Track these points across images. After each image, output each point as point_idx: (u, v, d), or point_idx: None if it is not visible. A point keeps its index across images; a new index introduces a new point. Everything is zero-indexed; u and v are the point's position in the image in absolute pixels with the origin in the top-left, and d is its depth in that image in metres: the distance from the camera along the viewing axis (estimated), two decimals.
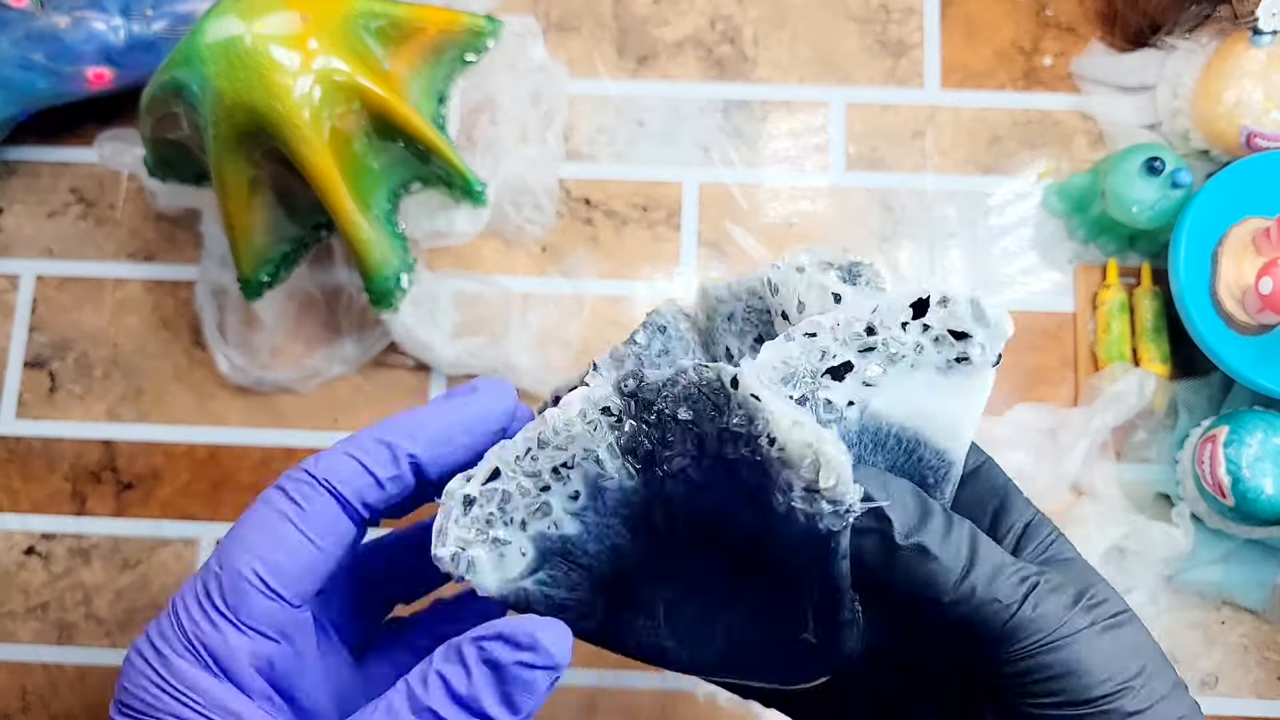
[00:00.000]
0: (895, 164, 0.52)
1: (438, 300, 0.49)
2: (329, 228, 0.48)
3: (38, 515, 0.50)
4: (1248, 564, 0.47)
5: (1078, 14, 0.54)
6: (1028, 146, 0.53)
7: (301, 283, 0.50)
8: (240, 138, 0.41)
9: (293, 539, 0.24)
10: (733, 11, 0.54)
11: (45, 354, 0.51)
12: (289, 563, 0.24)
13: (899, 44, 0.54)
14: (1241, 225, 0.46)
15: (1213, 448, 0.44)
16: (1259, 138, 0.48)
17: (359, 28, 0.44)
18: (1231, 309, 0.45)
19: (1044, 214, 0.52)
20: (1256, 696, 0.47)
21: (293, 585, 0.24)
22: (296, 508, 0.25)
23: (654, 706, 0.47)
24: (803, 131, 0.53)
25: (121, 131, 0.51)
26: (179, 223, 0.52)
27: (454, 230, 0.48)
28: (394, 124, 0.44)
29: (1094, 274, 0.50)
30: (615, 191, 0.52)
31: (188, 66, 0.40)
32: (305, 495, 0.25)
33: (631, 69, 0.54)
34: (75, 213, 0.53)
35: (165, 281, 0.52)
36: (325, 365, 0.50)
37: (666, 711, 0.47)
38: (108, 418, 0.51)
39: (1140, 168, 0.47)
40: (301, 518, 0.25)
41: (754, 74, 0.54)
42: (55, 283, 0.52)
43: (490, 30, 0.49)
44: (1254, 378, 0.45)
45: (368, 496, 0.25)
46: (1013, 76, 0.53)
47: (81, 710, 0.48)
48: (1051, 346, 0.50)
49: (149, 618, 0.48)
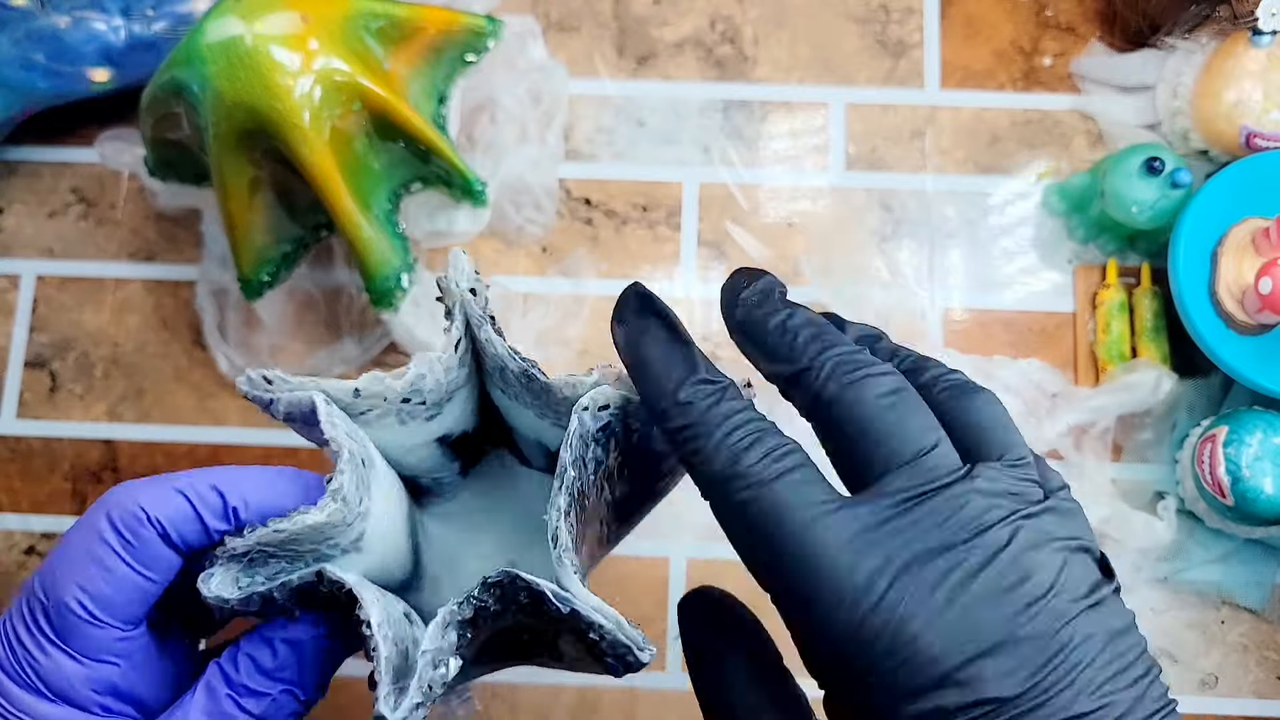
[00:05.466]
0: (895, 164, 0.53)
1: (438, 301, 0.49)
2: (329, 228, 0.48)
3: (38, 515, 0.50)
4: (1247, 563, 0.47)
5: (1077, 14, 0.54)
6: (1027, 146, 0.53)
7: (302, 283, 0.50)
8: (240, 138, 0.41)
9: (120, 571, 0.24)
10: (733, 11, 0.54)
11: (46, 354, 0.51)
12: (116, 595, 0.24)
13: (899, 44, 0.54)
14: (1241, 225, 0.46)
15: (1212, 447, 0.44)
16: (1258, 138, 0.48)
17: (359, 28, 0.44)
18: (1231, 309, 0.45)
19: (1043, 214, 0.52)
20: (1256, 696, 0.47)
21: (121, 613, 0.24)
22: (124, 542, 0.24)
23: (654, 706, 0.47)
24: (803, 131, 0.53)
25: (122, 131, 0.51)
26: (179, 223, 0.52)
27: (454, 230, 0.48)
28: (394, 124, 0.44)
29: (1093, 274, 0.51)
30: (615, 191, 0.52)
31: (188, 66, 0.40)
32: (134, 531, 0.24)
33: (631, 69, 0.54)
34: (76, 213, 0.53)
35: (166, 281, 0.52)
36: (325, 365, 0.50)
37: (666, 712, 0.47)
38: (108, 417, 0.51)
39: (1140, 168, 0.47)
40: (130, 552, 0.24)
41: (754, 74, 0.54)
42: (56, 283, 0.52)
43: (490, 30, 0.49)
44: (1253, 377, 0.45)
45: (191, 539, 0.25)
46: (1012, 76, 0.53)
47: None
48: (1051, 347, 0.50)
49: None
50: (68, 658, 0.24)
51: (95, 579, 0.24)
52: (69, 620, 0.24)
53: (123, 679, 0.25)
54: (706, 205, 0.52)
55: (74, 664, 0.24)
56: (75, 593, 0.24)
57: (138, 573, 0.24)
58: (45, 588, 0.24)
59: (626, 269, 0.52)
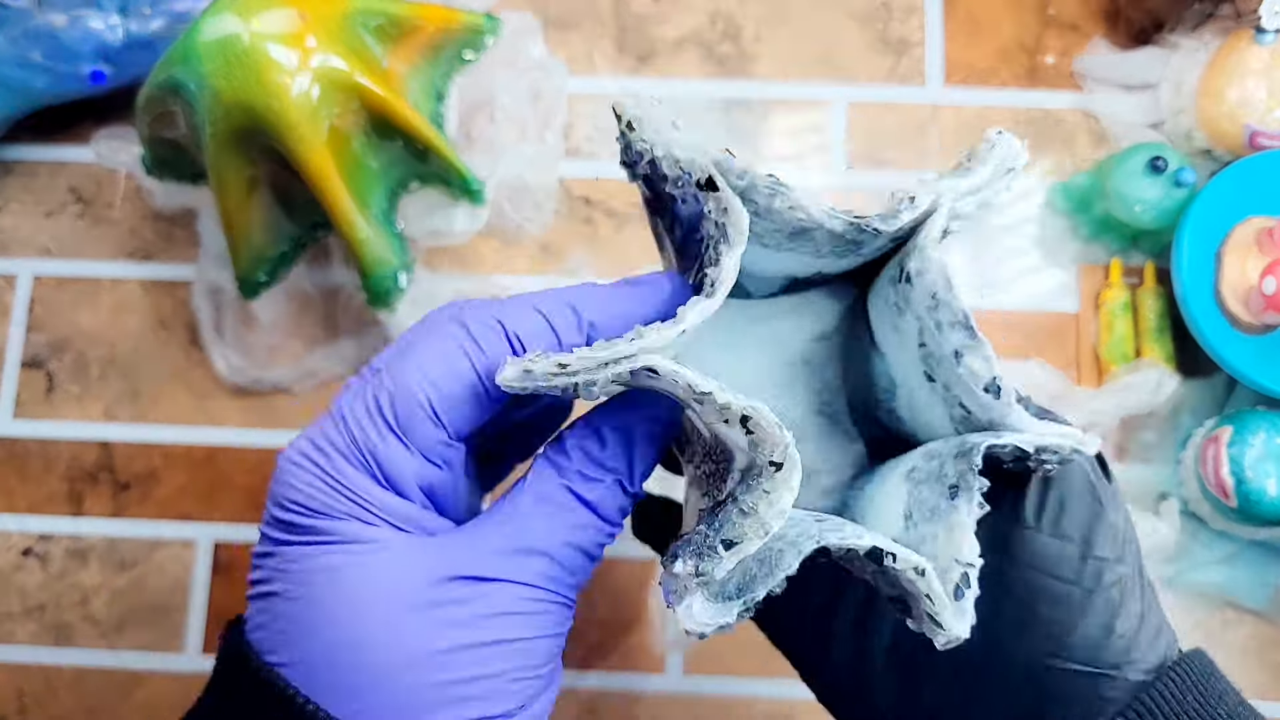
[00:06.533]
0: (897, 162, 0.52)
1: (436, 299, 0.49)
2: (327, 227, 0.48)
3: (35, 516, 0.50)
4: (1251, 565, 0.47)
5: (1081, 12, 0.54)
6: (1030, 145, 0.52)
7: (299, 282, 0.50)
8: (238, 136, 0.41)
9: (468, 378, 0.24)
10: (733, 9, 0.54)
11: (42, 354, 0.51)
12: (459, 399, 0.24)
13: (901, 42, 0.54)
14: (1245, 225, 0.46)
15: (1216, 448, 0.44)
16: (1262, 136, 0.47)
17: (357, 25, 0.44)
18: (1235, 309, 0.45)
19: (1047, 213, 0.51)
20: (1260, 698, 0.47)
21: (457, 422, 0.24)
22: (477, 349, 0.24)
23: (654, 708, 0.47)
24: (804, 130, 0.53)
25: (119, 130, 0.51)
26: (176, 222, 0.52)
27: (452, 229, 0.48)
28: (392, 122, 0.44)
29: (1097, 273, 0.50)
30: (615, 190, 0.52)
31: (185, 65, 0.40)
32: (488, 340, 0.24)
33: (631, 67, 0.54)
34: (73, 212, 0.53)
35: (163, 281, 0.52)
36: (323, 365, 0.50)
37: (665, 712, 0.47)
38: (105, 418, 0.50)
39: (1143, 167, 0.46)
40: (480, 361, 0.24)
41: (755, 72, 0.53)
42: (53, 282, 0.52)
43: (489, 28, 0.49)
44: (1257, 378, 0.45)
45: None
46: (1015, 74, 0.53)
47: (79, 712, 0.48)
48: (1054, 347, 0.50)
49: (147, 619, 0.48)
50: (404, 448, 0.24)
51: (446, 379, 0.24)
52: (414, 412, 0.24)
53: (439, 485, 0.24)
54: None
55: (408, 455, 0.24)
56: (426, 388, 0.24)
57: (482, 382, 0.24)
58: (394, 377, 0.24)
59: (626, 269, 0.51)
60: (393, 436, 0.24)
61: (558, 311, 0.25)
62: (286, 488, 0.24)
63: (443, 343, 0.24)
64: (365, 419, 0.24)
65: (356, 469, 0.23)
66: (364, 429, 0.24)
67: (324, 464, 0.23)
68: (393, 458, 0.24)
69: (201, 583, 0.49)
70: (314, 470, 0.23)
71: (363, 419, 0.24)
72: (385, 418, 0.24)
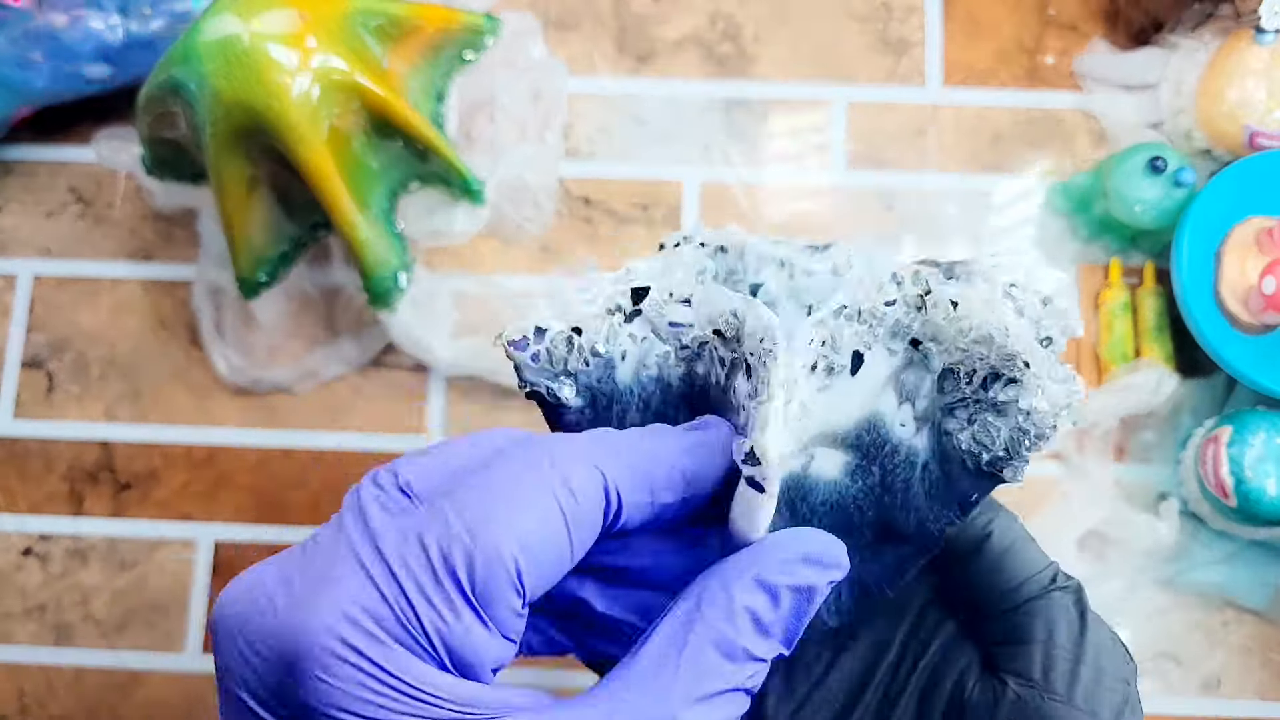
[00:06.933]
0: (897, 162, 0.52)
1: (436, 300, 0.49)
2: (327, 227, 0.48)
3: (35, 516, 0.50)
4: (1251, 565, 0.47)
5: (1080, 12, 0.54)
6: (1030, 145, 0.52)
7: (299, 282, 0.50)
8: (238, 136, 0.41)
9: (560, 538, 0.19)
10: (733, 9, 0.54)
11: (43, 354, 0.51)
12: (548, 562, 0.19)
13: (901, 42, 0.54)
14: (1244, 225, 0.46)
15: (1215, 448, 0.44)
16: (1262, 137, 0.47)
17: (357, 25, 0.44)
18: (1234, 309, 0.45)
19: (1046, 213, 0.51)
20: (1260, 698, 0.47)
21: (534, 582, 0.19)
22: (574, 502, 0.20)
23: None
24: (804, 130, 0.53)
25: (119, 130, 0.51)
26: (177, 222, 0.52)
27: (453, 229, 0.48)
28: (392, 122, 0.44)
29: (1096, 274, 0.50)
30: (615, 190, 0.52)
31: (185, 65, 0.40)
32: (586, 493, 0.20)
33: (631, 67, 0.54)
34: (73, 212, 0.53)
35: (163, 281, 0.52)
36: (323, 365, 0.50)
37: None
38: (105, 418, 0.50)
39: (1143, 167, 0.46)
40: (575, 516, 0.20)
41: (755, 72, 0.53)
42: (53, 282, 0.52)
43: (489, 28, 0.49)
44: (1257, 378, 0.45)
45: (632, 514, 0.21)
46: (1015, 75, 0.53)
47: (79, 712, 0.48)
48: None
49: (147, 619, 0.48)
50: (480, 624, 0.19)
51: (538, 539, 0.19)
52: (498, 577, 0.18)
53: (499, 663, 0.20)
54: (707, 204, 0.52)
55: (485, 633, 0.19)
56: (516, 549, 0.19)
57: (570, 538, 0.20)
58: (475, 532, 0.18)
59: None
60: (469, 612, 0.19)
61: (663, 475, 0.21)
62: (336, 694, 0.18)
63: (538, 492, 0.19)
64: (434, 589, 0.18)
65: (420, 656, 0.18)
66: (432, 603, 0.18)
67: (376, 654, 0.18)
68: (466, 638, 0.19)
69: (202, 583, 0.49)
70: (361, 661, 0.18)
71: (430, 589, 0.18)
72: (462, 587, 0.18)
